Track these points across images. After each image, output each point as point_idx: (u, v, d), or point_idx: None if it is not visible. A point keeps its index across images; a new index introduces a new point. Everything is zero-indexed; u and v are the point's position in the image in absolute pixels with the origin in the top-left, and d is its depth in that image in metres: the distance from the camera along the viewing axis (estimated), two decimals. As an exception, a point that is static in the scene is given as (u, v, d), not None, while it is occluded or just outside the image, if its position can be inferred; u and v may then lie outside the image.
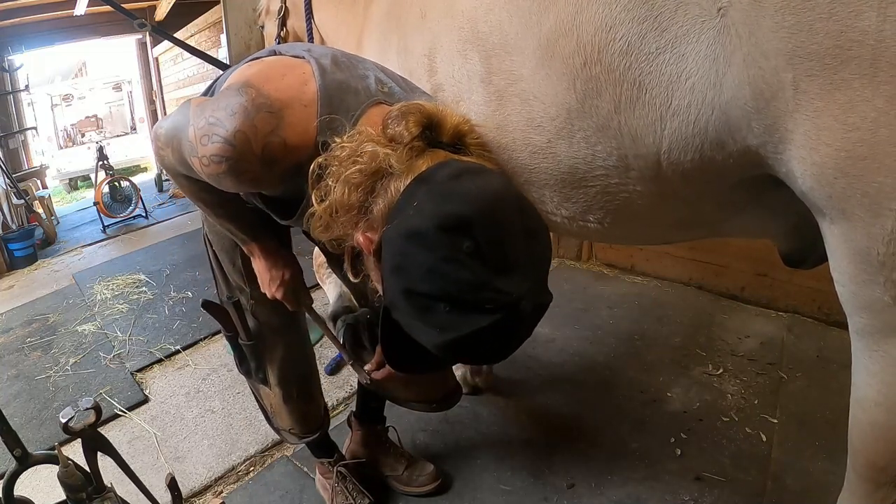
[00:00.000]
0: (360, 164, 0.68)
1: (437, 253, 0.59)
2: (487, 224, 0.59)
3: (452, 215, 0.59)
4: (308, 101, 0.75)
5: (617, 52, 0.70)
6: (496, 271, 0.59)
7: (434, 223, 0.59)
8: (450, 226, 0.59)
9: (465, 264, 0.58)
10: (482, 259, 0.58)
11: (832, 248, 0.64)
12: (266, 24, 1.87)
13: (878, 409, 0.66)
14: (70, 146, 9.60)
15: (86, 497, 0.89)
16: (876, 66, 0.51)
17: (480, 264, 0.58)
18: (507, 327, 0.61)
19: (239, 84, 0.75)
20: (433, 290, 0.60)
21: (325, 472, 1.40)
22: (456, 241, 0.58)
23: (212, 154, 0.74)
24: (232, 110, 0.73)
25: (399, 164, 0.66)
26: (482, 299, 0.59)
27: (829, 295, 0.90)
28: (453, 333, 0.61)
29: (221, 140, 0.72)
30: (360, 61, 0.86)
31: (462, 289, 0.59)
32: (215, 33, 5.36)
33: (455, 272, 0.58)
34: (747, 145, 0.65)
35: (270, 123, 0.73)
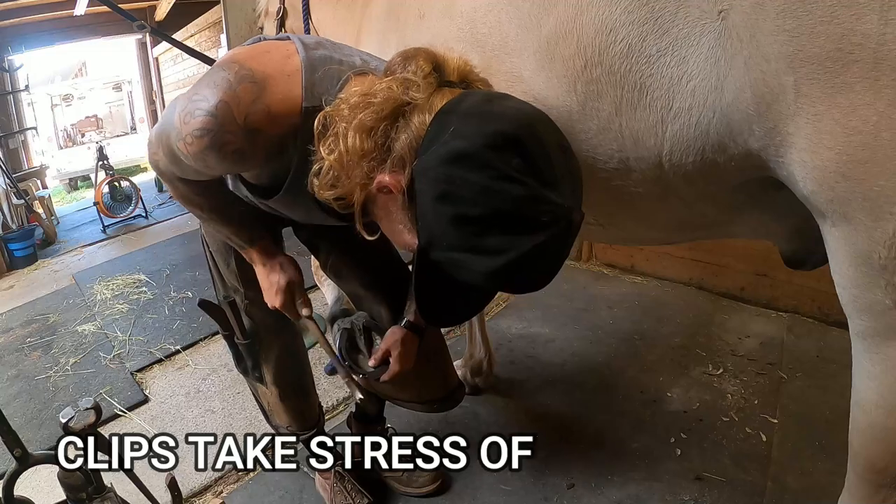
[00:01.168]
0: (374, 106, 0.66)
1: (489, 172, 0.59)
2: (532, 141, 0.60)
3: (499, 133, 0.60)
4: (291, 71, 0.75)
5: (618, 55, 0.70)
6: (546, 185, 0.59)
7: (481, 142, 0.59)
8: (498, 144, 0.59)
9: (517, 180, 0.58)
10: (533, 174, 0.59)
11: (833, 251, 0.64)
12: (265, 26, 1.86)
13: (878, 411, 0.66)
14: (70, 146, 9.59)
15: (86, 497, 0.89)
16: (877, 70, 0.51)
17: (533, 179, 0.59)
18: (561, 240, 0.62)
19: (222, 62, 0.76)
20: (487, 210, 0.60)
21: (325, 473, 1.40)
22: (506, 158, 0.58)
23: (194, 129, 0.73)
24: (214, 84, 0.72)
25: (411, 98, 0.66)
26: (539, 212, 0.59)
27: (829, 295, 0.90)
28: (513, 253, 0.60)
29: (204, 112, 0.72)
30: (345, 47, 0.86)
31: (519, 205, 0.59)
32: (215, 33, 5.36)
33: (509, 189, 0.58)
34: (748, 148, 0.65)
35: (253, 92, 0.72)
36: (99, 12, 5.86)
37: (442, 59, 0.71)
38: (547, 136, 0.63)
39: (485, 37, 0.87)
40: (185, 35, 5.93)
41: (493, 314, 2.27)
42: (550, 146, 0.62)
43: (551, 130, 0.65)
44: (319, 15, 1.56)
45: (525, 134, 0.61)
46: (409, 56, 0.70)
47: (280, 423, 1.31)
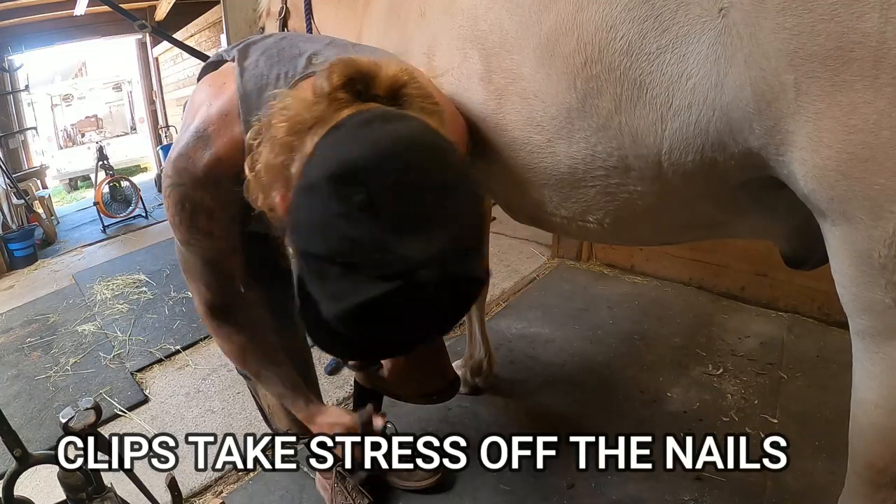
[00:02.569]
0: (284, 119, 0.62)
1: (327, 207, 0.51)
2: (387, 174, 0.50)
3: (344, 163, 0.51)
4: (229, 110, 0.78)
5: (618, 52, 0.70)
6: (393, 230, 0.49)
7: (324, 172, 0.52)
8: (340, 175, 0.51)
9: (355, 220, 0.49)
10: (376, 214, 0.49)
11: (833, 250, 0.64)
12: (267, 26, 1.86)
13: (878, 410, 0.66)
14: (70, 146, 9.61)
15: (86, 497, 0.89)
16: (878, 68, 0.51)
17: (374, 221, 0.49)
18: (404, 301, 0.51)
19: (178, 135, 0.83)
20: (321, 249, 0.52)
21: (325, 473, 1.40)
22: (346, 193, 0.49)
23: (173, 206, 0.80)
24: (171, 160, 0.79)
25: (314, 115, 0.59)
26: (372, 262, 0.50)
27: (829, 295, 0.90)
28: (344, 303, 0.52)
29: (171, 188, 0.79)
30: (302, 41, 0.86)
31: (352, 249, 0.50)
32: (215, 33, 5.36)
33: (344, 229, 0.50)
34: (748, 147, 0.65)
35: (200, 147, 0.77)
36: (99, 12, 5.86)
37: (373, 69, 0.64)
38: (420, 170, 0.53)
39: (485, 34, 0.87)
40: (185, 35, 5.93)
41: (493, 314, 2.27)
42: (418, 183, 0.52)
43: (434, 163, 0.54)
44: (321, 14, 1.56)
45: (381, 166, 0.51)
46: (330, 67, 0.64)
47: (280, 426, 1.31)
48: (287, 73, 0.81)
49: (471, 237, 0.55)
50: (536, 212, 1.01)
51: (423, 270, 0.50)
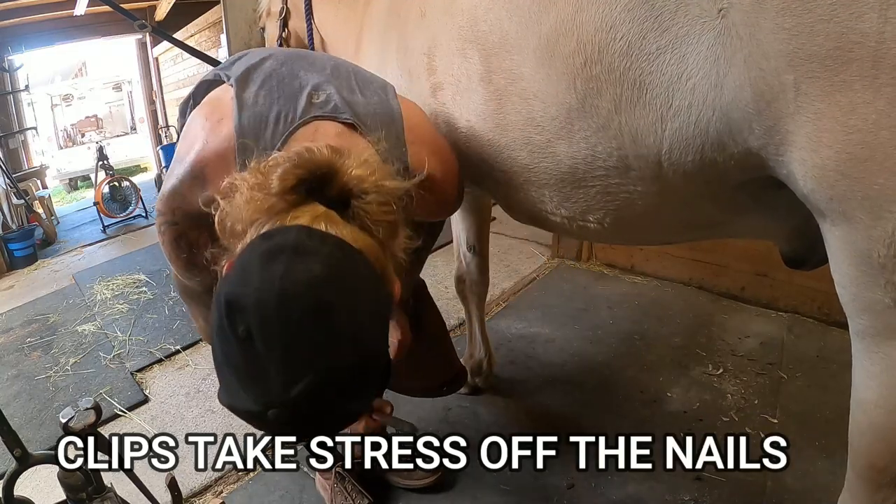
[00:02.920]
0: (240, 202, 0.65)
1: (221, 322, 0.57)
2: (266, 321, 0.55)
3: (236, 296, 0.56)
4: (224, 152, 0.78)
5: (617, 52, 0.70)
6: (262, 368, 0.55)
7: (224, 294, 0.57)
8: (231, 305, 0.56)
9: (237, 345, 0.56)
10: (253, 349, 0.55)
11: (833, 250, 0.64)
12: (267, 26, 1.86)
13: (878, 410, 0.66)
14: (70, 146, 9.61)
15: (86, 497, 0.89)
16: (877, 68, 0.51)
17: (250, 353, 0.55)
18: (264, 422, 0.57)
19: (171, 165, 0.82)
20: (217, 351, 0.59)
21: (325, 473, 1.40)
22: (234, 321, 0.56)
23: (169, 244, 0.81)
24: (165, 197, 0.80)
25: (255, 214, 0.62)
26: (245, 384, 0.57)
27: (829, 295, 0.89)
28: (223, 395, 0.60)
29: (166, 225, 0.80)
30: (303, 68, 0.86)
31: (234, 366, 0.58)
32: (215, 33, 5.36)
33: (231, 347, 0.57)
34: (748, 147, 0.65)
35: (195, 187, 0.77)
36: (99, 12, 5.86)
37: (331, 171, 0.64)
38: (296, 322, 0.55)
39: (485, 34, 0.87)
40: (185, 35, 5.93)
41: (493, 314, 2.27)
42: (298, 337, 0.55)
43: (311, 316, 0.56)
44: (321, 14, 1.56)
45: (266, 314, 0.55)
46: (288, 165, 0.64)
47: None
48: (287, 116, 0.80)
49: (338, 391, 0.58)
50: (537, 211, 1.01)
51: (274, 410, 0.56)
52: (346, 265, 0.60)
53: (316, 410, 0.58)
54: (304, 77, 0.84)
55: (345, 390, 0.59)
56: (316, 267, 0.57)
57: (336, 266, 0.59)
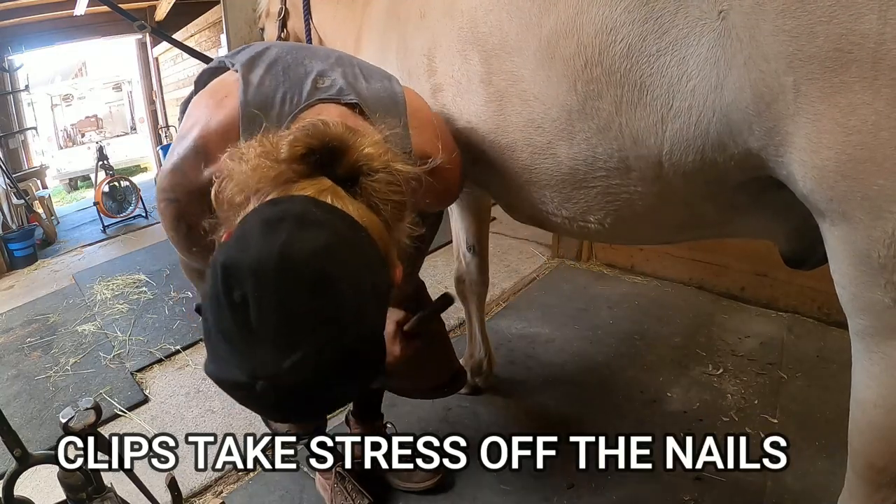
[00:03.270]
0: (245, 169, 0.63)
1: (216, 287, 0.55)
2: (263, 288, 0.53)
3: (235, 260, 0.54)
4: (228, 128, 0.77)
5: (618, 54, 0.70)
6: (254, 336, 0.53)
7: (221, 259, 0.56)
8: (228, 270, 0.54)
9: (231, 312, 0.54)
10: (247, 316, 0.53)
11: (833, 251, 0.64)
12: (266, 27, 1.86)
13: (877, 410, 0.66)
14: (70, 146, 9.61)
15: (86, 497, 0.89)
16: (876, 70, 0.51)
17: (243, 320, 0.53)
18: (249, 395, 0.55)
19: (174, 143, 0.81)
20: (209, 316, 0.57)
21: (325, 473, 1.40)
22: (230, 286, 0.54)
23: (169, 222, 0.80)
24: (166, 173, 0.79)
25: (266, 179, 0.61)
26: (235, 351, 0.55)
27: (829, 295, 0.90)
28: (210, 367, 0.57)
29: (166, 202, 0.79)
30: (308, 56, 0.86)
31: (225, 333, 0.55)
32: (215, 33, 5.36)
33: (223, 314, 0.54)
34: (748, 148, 0.65)
35: (198, 164, 0.76)
36: (99, 12, 5.87)
37: (342, 146, 0.63)
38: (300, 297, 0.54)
39: (485, 36, 0.87)
40: (185, 35, 5.93)
41: (493, 314, 2.27)
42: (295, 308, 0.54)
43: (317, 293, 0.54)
44: (320, 15, 1.56)
45: (264, 282, 0.53)
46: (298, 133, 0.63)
47: (279, 427, 1.31)
48: (293, 98, 0.80)
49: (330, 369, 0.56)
50: (537, 212, 1.01)
51: (262, 382, 0.53)
52: (351, 239, 0.58)
53: (306, 388, 0.55)
54: (309, 64, 0.84)
55: (338, 370, 0.57)
56: (321, 237, 0.55)
57: (342, 239, 0.57)
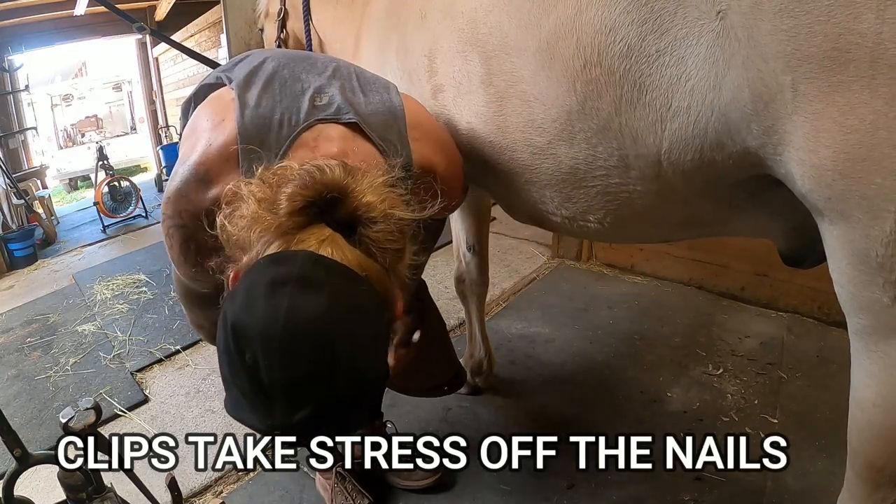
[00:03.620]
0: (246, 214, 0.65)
1: (227, 346, 0.59)
2: (270, 352, 0.57)
3: (243, 324, 0.58)
4: (227, 153, 0.77)
5: (617, 55, 0.70)
6: (267, 395, 0.58)
7: (231, 319, 0.59)
8: (237, 332, 0.58)
9: (244, 371, 0.58)
10: (258, 376, 0.57)
11: (831, 250, 0.64)
12: (266, 27, 1.86)
13: (876, 409, 0.66)
14: (70, 146, 9.61)
15: (86, 497, 0.89)
16: (874, 69, 0.52)
17: (255, 380, 0.58)
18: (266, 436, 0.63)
19: (175, 166, 0.81)
20: (224, 369, 0.61)
21: (325, 473, 1.40)
22: (240, 348, 0.58)
23: (178, 247, 0.80)
24: (170, 199, 0.79)
25: (262, 233, 0.63)
26: (243, 409, 0.61)
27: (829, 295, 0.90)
28: (230, 408, 0.63)
29: (174, 228, 0.79)
30: (305, 70, 0.86)
31: (240, 390, 0.60)
32: (215, 33, 5.37)
33: (236, 371, 0.59)
34: (746, 147, 0.65)
35: (200, 189, 0.77)
36: (99, 12, 5.86)
37: (341, 194, 0.64)
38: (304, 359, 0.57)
39: (485, 37, 0.87)
40: (184, 35, 5.94)
41: (493, 314, 2.27)
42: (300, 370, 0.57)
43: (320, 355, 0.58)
44: (319, 16, 1.56)
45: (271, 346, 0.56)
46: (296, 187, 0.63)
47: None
48: (290, 120, 0.80)
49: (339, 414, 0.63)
50: (537, 212, 1.01)
51: (280, 433, 0.61)
52: (350, 297, 0.61)
53: (319, 431, 0.64)
54: (306, 79, 0.84)
55: (345, 413, 0.63)
56: (321, 302, 0.58)
57: (340, 300, 0.60)
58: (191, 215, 0.77)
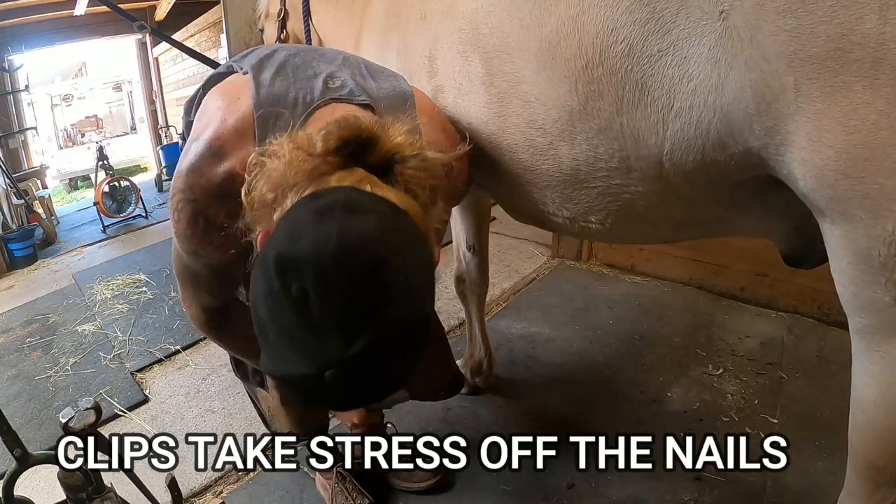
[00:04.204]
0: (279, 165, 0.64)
1: (271, 283, 0.56)
2: (322, 275, 0.54)
3: (289, 252, 0.55)
4: (243, 127, 0.78)
5: (619, 55, 0.70)
6: (318, 326, 0.54)
7: (273, 253, 0.56)
8: (283, 262, 0.55)
9: (291, 305, 0.54)
10: (307, 307, 0.54)
11: (833, 249, 0.64)
12: (266, 28, 1.86)
13: (877, 409, 0.66)
14: (70, 146, 9.61)
15: (86, 497, 0.89)
16: (877, 69, 0.52)
17: (305, 311, 0.54)
18: (315, 386, 0.56)
19: (187, 144, 0.81)
20: (264, 314, 0.58)
21: (325, 473, 1.40)
22: (287, 280, 0.54)
23: (186, 221, 0.79)
24: (182, 173, 0.78)
25: (301, 173, 0.62)
26: (297, 345, 0.56)
27: (829, 295, 0.90)
28: (270, 365, 0.59)
29: (184, 202, 0.78)
30: (315, 58, 0.87)
31: (284, 327, 0.56)
32: (215, 33, 5.37)
33: (281, 308, 0.55)
34: (749, 147, 0.65)
35: (213, 164, 0.77)
36: (99, 12, 5.87)
37: (372, 136, 0.64)
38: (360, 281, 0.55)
39: (486, 37, 0.87)
40: (185, 35, 5.94)
41: (493, 314, 2.27)
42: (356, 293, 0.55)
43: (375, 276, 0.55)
44: (319, 16, 1.56)
45: (322, 268, 0.54)
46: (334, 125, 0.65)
47: (280, 428, 1.31)
48: (305, 98, 0.81)
49: (399, 346, 0.58)
50: (538, 212, 1.01)
51: (334, 370, 0.55)
52: (398, 222, 0.60)
53: (373, 369, 0.57)
54: (318, 66, 0.85)
55: (401, 347, 0.58)
56: (371, 222, 0.57)
57: (390, 223, 0.59)
58: (202, 189, 0.77)
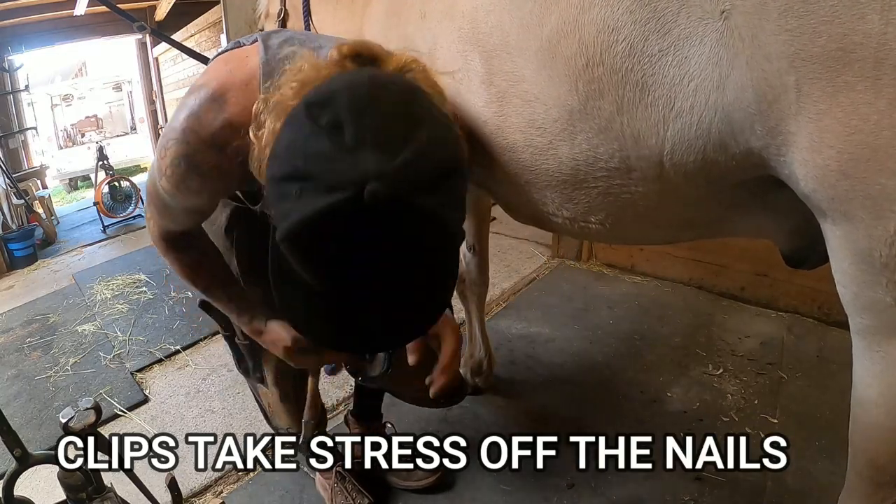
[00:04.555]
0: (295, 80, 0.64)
1: (300, 129, 0.54)
2: (357, 99, 0.53)
3: (322, 91, 0.56)
4: (249, 79, 0.77)
5: (620, 54, 0.70)
6: (353, 145, 0.51)
7: (304, 102, 0.56)
8: (315, 101, 0.55)
9: (320, 137, 0.52)
10: (340, 131, 0.51)
11: (834, 250, 0.64)
12: (265, 27, 1.86)
13: (878, 409, 0.66)
14: (70, 146, 9.60)
15: (86, 497, 0.89)
16: (879, 69, 0.51)
17: (337, 137, 0.51)
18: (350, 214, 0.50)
19: (185, 96, 0.80)
20: (286, 169, 0.54)
21: (325, 473, 1.40)
22: (317, 114, 0.53)
23: (170, 160, 0.78)
24: (179, 116, 0.77)
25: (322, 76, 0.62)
26: (326, 173, 0.50)
27: (829, 295, 0.90)
28: (293, 217, 0.51)
29: (174, 142, 0.77)
30: (318, 38, 0.88)
31: (312, 163, 0.52)
32: (215, 33, 5.36)
33: (309, 146, 0.53)
34: (750, 147, 0.65)
35: (213, 110, 0.76)
36: (99, 12, 5.86)
37: (382, 53, 0.69)
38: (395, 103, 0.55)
39: (486, 36, 0.87)
40: (185, 35, 5.93)
41: (493, 314, 2.27)
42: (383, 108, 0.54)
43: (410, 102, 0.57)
44: (320, 15, 1.56)
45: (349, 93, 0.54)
46: (341, 42, 0.69)
47: (281, 424, 1.31)
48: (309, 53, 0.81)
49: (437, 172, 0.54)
50: (538, 212, 1.01)
51: (374, 183, 0.49)
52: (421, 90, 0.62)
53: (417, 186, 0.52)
54: (322, 41, 0.86)
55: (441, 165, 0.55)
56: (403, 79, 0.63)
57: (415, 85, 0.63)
58: (196, 136, 0.76)
